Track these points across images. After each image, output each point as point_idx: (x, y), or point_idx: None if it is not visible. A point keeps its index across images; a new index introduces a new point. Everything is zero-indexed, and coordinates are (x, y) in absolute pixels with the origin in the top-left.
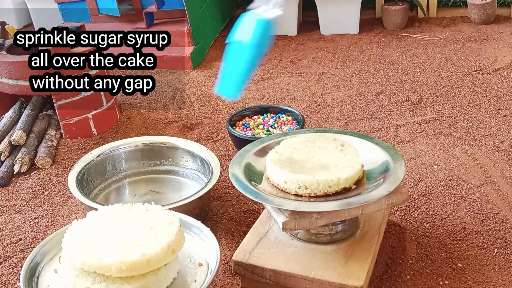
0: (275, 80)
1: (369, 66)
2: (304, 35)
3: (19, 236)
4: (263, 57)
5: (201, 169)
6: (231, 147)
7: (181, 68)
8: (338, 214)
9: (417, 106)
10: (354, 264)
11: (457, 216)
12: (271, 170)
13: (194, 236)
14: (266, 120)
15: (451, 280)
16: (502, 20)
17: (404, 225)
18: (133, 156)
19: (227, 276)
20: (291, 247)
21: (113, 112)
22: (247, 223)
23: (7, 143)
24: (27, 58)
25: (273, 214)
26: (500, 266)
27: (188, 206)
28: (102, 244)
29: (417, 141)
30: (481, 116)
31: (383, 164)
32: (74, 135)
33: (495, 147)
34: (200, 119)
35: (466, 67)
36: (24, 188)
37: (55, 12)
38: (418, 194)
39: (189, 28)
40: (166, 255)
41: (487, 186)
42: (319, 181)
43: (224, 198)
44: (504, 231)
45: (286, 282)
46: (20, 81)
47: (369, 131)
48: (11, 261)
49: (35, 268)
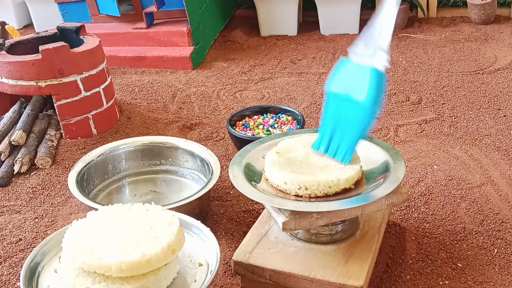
0: (275, 80)
1: None
2: (304, 35)
3: (19, 236)
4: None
5: (201, 169)
6: (231, 147)
7: (181, 68)
8: (338, 214)
9: (417, 106)
10: (354, 264)
11: (457, 216)
12: (270, 171)
13: (194, 236)
14: (266, 120)
15: (451, 280)
16: (502, 20)
17: (404, 225)
18: (133, 156)
19: (227, 276)
20: (291, 247)
21: (113, 112)
22: (247, 223)
23: (7, 143)
24: (27, 58)
25: (273, 214)
26: (500, 266)
27: (188, 206)
28: (102, 244)
29: (417, 141)
30: (481, 116)
31: (383, 164)
32: (74, 135)
33: (495, 147)
34: (200, 119)
35: (466, 67)
36: (24, 188)
37: (55, 12)
38: (418, 194)
39: (189, 28)
40: (166, 255)
41: (487, 186)
42: (319, 181)
43: (224, 198)
44: (504, 231)
45: (286, 282)
46: (20, 81)
47: (369, 131)
48: (11, 261)
49: (35, 268)
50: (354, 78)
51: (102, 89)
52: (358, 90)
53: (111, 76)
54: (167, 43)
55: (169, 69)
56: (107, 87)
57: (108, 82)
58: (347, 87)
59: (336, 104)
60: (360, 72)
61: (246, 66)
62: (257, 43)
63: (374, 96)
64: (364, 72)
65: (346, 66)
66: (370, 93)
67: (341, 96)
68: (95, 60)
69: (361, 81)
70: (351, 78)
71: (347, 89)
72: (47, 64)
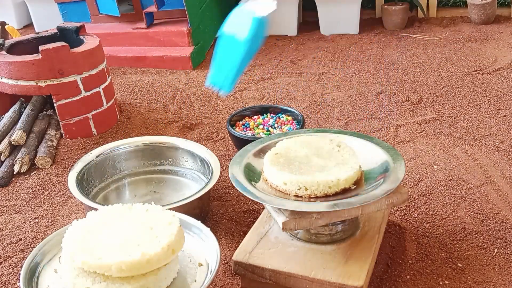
0: (275, 80)
1: (369, 66)
2: (304, 35)
3: (19, 236)
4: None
5: (201, 169)
6: (231, 147)
7: (181, 68)
8: (338, 214)
9: (417, 106)
10: (354, 264)
11: (457, 216)
12: (269, 172)
13: (194, 236)
14: (266, 120)
15: (451, 280)
16: (502, 20)
17: (404, 225)
18: (133, 156)
19: (227, 276)
20: (291, 247)
21: (113, 112)
22: (247, 223)
23: (7, 143)
24: (27, 58)
25: (273, 214)
26: (500, 266)
27: (188, 206)
28: (102, 244)
29: (417, 141)
30: (481, 116)
31: (383, 164)
32: (74, 135)
33: (495, 147)
34: (200, 119)
35: (466, 67)
36: (24, 188)
37: (55, 12)
38: (418, 194)
39: (189, 28)
40: (166, 255)
41: (487, 186)
42: (319, 182)
43: (224, 198)
44: (504, 231)
45: (286, 282)
46: (20, 81)
47: (369, 131)
48: (11, 261)
49: (35, 268)
50: (241, 22)
51: (102, 89)
52: (243, 31)
53: (111, 76)
54: (167, 43)
55: (169, 69)
56: (107, 87)
57: (108, 82)
58: (235, 29)
59: (225, 42)
60: (245, 17)
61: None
62: None
63: (251, 37)
64: (248, 17)
65: (237, 11)
66: (249, 34)
67: (228, 36)
68: (95, 60)
69: (246, 24)
70: (239, 21)
71: (235, 30)
72: (47, 64)
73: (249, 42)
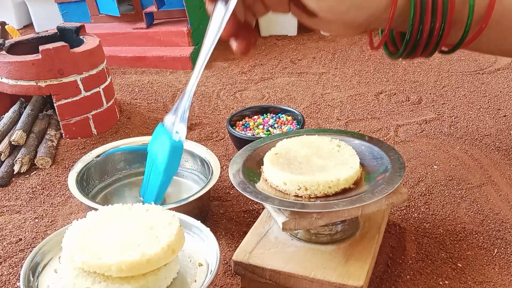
0: (275, 80)
1: (369, 66)
2: (304, 35)
3: (19, 236)
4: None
5: (201, 169)
6: (231, 147)
7: (181, 68)
8: (338, 214)
9: (417, 106)
10: (354, 264)
11: (457, 216)
12: (269, 172)
13: (194, 236)
14: (266, 120)
15: (451, 280)
16: None
17: (404, 225)
18: (133, 156)
19: (227, 276)
20: (291, 247)
21: (113, 112)
22: (247, 223)
23: (7, 143)
24: (27, 58)
25: (273, 214)
26: (500, 266)
27: (188, 206)
28: (102, 244)
29: (417, 141)
30: (481, 116)
31: (383, 164)
32: (74, 135)
33: (495, 147)
34: (200, 119)
35: (466, 67)
36: (24, 188)
37: (55, 12)
38: (418, 194)
39: (189, 28)
40: (166, 255)
41: (487, 186)
42: (319, 182)
43: (224, 198)
44: (504, 231)
45: (286, 282)
46: (20, 81)
47: (369, 131)
48: (11, 261)
49: (35, 268)
50: (161, 143)
51: (102, 89)
52: (162, 156)
53: (111, 76)
54: (167, 43)
55: (169, 69)
56: (107, 87)
57: (108, 82)
58: (157, 149)
59: (150, 160)
60: (165, 139)
61: (246, 66)
62: (257, 43)
63: (166, 166)
64: (166, 141)
65: (160, 130)
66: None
67: (152, 155)
68: (95, 60)
69: (164, 149)
70: (160, 142)
71: (157, 151)
72: (47, 64)
73: (165, 171)
